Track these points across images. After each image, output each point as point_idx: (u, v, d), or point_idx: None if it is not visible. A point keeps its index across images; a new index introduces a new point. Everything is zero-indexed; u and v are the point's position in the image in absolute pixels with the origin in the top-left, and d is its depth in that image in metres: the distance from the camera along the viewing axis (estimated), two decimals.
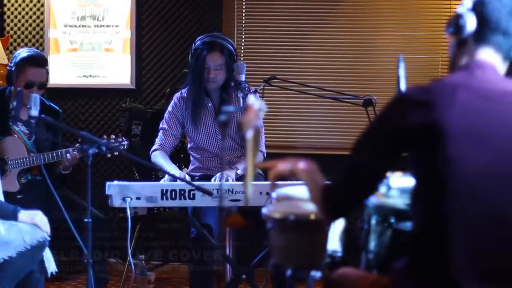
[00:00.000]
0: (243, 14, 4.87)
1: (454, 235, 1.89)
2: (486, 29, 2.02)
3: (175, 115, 4.01)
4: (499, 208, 1.90)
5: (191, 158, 4.16)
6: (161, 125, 4.05)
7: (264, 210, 2.28)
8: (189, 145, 4.15)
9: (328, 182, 2.04)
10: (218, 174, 3.78)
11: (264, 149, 4.02)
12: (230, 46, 3.90)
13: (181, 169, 4.31)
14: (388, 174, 2.37)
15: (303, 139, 4.84)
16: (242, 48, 4.87)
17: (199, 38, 3.94)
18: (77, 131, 3.42)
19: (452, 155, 1.89)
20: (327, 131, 4.82)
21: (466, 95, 1.93)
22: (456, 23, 2.05)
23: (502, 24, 2.01)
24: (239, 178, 3.80)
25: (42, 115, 3.49)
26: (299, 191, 2.55)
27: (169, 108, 4.04)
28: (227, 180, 3.71)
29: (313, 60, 4.83)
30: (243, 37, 4.89)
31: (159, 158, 3.95)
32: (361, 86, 4.66)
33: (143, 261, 4.60)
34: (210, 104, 3.94)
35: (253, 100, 2.13)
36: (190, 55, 3.94)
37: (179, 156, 4.56)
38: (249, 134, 2.11)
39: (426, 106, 1.91)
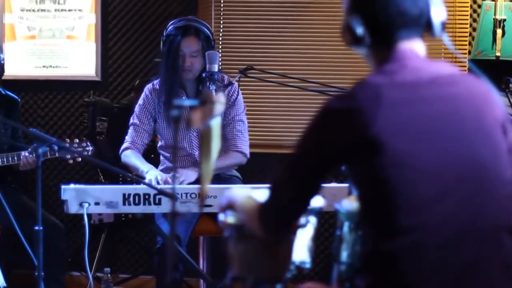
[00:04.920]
0: None
1: (416, 249, 1.92)
2: (388, 28, 2.03)
3: (147, 108, 4.03)
4: (454, 210, 1.94)
5: (161, 158, 4.17)
6: (131, 120, 4.07)
7: (221, 217, 2.29)
8: (159, 144, 4.17)
9: (260, 203, 2.14)
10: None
11: (245, 150, 4.05)
12: (206, 30, 3.93)
13: None
14: None
15: (283, 137, 4.86)
16: (220, 35, 4.88)
17: (171, 22, 3.97)
18: (26, 129, 3.44)
19: (392, 157, 1.92)
20: None
21: (392, 92, 1.96)
22: (352, 36, 2.06)
23: (398, 10, 2.01)
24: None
25: None
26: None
27: (140, 102, 4.06)
28: (182, 182, 3.72)
29: (295, 49, 4.84)
30: (221, 23, 4.90)
31: (132, 157, 3.96)
32: (348, 78, 4.65)
33: (109, 274, 4.60)
34: (184, 97, 3.95)
35: (208, 93, 2.14)
36: (162, 42, 3.96)
37: (149, 156, 4.57)
38: (204, 131, 2.12)
39: (352, 114, 1.94)
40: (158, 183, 3.66)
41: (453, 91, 2.01)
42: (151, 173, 3.76)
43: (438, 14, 2.06)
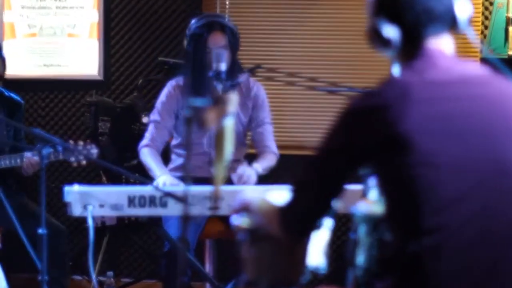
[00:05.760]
0: None
1: (441, 249, 1.92)
2: (415, 27, 2.04)
3: (170, 105, 4.06)
4: (488, 213, 1.95)
5: (173, 156, 4.18)
6: (152, 117, 4.11)
7: (234, 219, 2.29)
8: (174, 142, 4.18)
9: (282, 205, 2.12)
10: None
11: (277, 151, 4.13)
12: (231, 24, 4.02)
13: None
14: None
15: (291, 137, 4.86)
16: None
17: (193, 21, 4.01)
18: (29, 129, 3.44)
19: (419, 155, 1.92)
20: (319, 127, 4.80)
21: (421, 89, 1.96)
22: (380, 39, 2.06)
23: (424, 7, 2.02)
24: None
25: None
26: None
27: (162, 98, 4.10)
28: (245, 182, 3.78)
29: (304, 47, 4.83)
30: None
31: (148, 157, 4.00)
32: (358, 77, 4.67)
33: (112, 278, 4.61)
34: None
35: (220, 93, 2.15)
36: (186, 42, 4.00)
37: None
38: (217, 131, 2.13)
39: (378, 111, 1.94)
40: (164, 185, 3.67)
41: (482, 92, 2.02)
42: (162, 178, 3.78)
43: (462, 9, 2.07)
